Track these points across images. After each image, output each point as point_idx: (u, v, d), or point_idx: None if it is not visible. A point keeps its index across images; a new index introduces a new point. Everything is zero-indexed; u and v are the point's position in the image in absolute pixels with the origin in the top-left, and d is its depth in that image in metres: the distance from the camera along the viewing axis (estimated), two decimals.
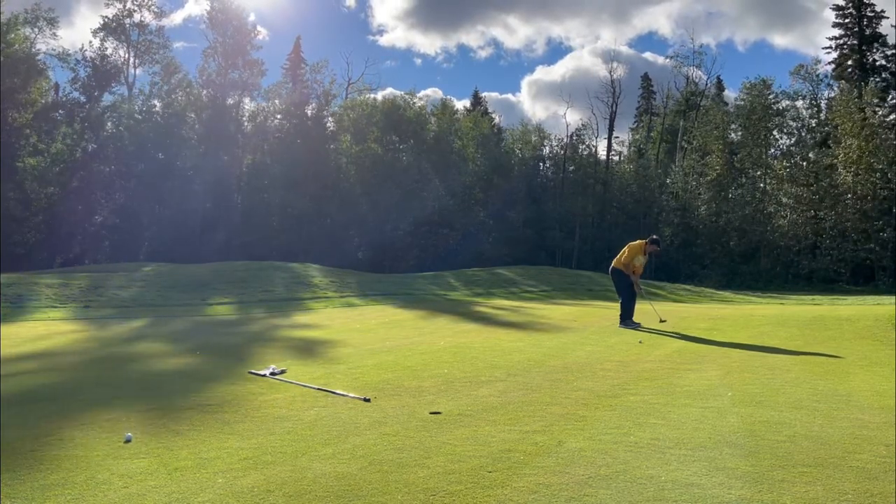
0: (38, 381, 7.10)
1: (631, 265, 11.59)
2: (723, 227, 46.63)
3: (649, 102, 66.42)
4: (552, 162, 58.10)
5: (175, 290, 19.12)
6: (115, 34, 44.88)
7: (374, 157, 46.60)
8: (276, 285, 20.47)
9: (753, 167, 48.00)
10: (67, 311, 15.53)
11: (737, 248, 45.57)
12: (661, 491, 3.45)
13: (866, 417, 5.04)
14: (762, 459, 3.98)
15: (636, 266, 11.65)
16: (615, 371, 7.17)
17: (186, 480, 3.70)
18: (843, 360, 7.85)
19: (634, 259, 11.58)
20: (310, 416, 5.17)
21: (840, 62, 49.11)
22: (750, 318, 12.57)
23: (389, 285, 22.72)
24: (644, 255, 11.66)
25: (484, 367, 7.43)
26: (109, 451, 4.26)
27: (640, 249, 11.61)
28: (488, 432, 4.62)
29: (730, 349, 8.74)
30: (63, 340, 10.74)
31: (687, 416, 5.06)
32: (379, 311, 16.05)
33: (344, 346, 9.47)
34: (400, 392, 6.05)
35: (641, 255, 11.63)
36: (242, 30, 47.24)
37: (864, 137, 40.65)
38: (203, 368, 7.95)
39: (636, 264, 11.61)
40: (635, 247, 11.67)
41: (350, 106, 50.41)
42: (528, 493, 3.44)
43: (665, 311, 12.40)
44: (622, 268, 11.62)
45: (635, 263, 11.59)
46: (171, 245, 41.15)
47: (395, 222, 44.41)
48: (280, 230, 45.24)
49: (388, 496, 3.42)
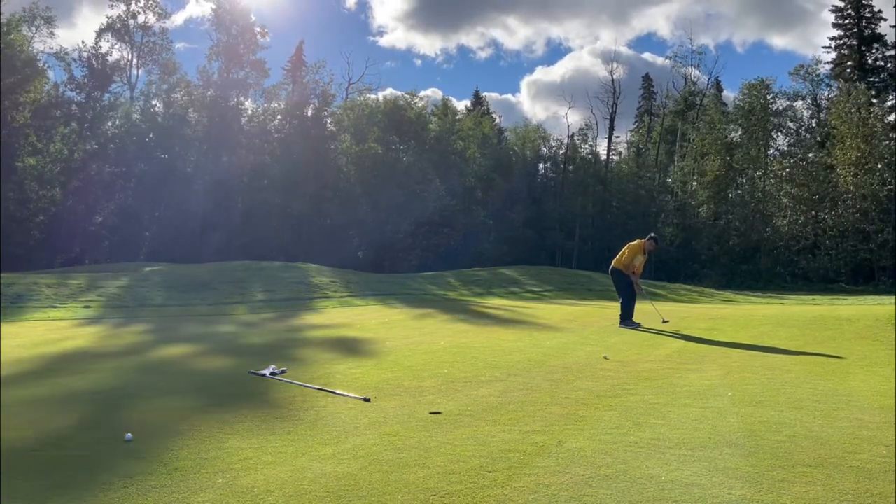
0: (38, 380, 7.09)
1: (631, 265, 11.63)
2: (723, 227, 46.63)
3: (650, 103, 66.43)
4: (552, 162, 58.12)
5: (175, 290, 19.12)
6: (119, 35, 44.93)
7: (374, 158, 46.58)
8: (276, 285, 20.47)
9: (753, 167, 48.00)
10: (67, 311, 15.53)
11: (737, 248, 45.56)
12: (661, 491, 3.45)
13: (866, 417, 5.04)
14: (762, 459, 3.98)
15: (636, 266, 11.68)
16: (615, 371, 7.17)
17: (186, 480, 3.70)
18: (843, 360, 7.85)
19: (634, 259, 11.62)
20: (310, 416, 5.17)
21: (839, 62, 49.12)
22: (750, 318, 12.57)
23: (390, 285, 22.72)
24: (644, 254, 11.67)
25: (484, 367, 7.43)
26: (109, 452, 4.27)
27: (639, 249, 11.64)
28: (488, 432, 4.62)
29: (730, 349, 8.74)
30: (64, 340, 10.74)
31: (687, 416, 5.06)
32: (379, 310, 16.05)
33: (344, 346, 9.48)
34: (400, 392, 6.05)
35: (641, 255, 11.66)
36: (247, 30, 47.22)
37: (864, 138, 40.65)
38: (203, 368, 7.95)
39: (636, 264, 11.66)
40: (635, 246, 11.71)
41: (350, 106, 50.40)
42: (528, 493, 3.44)
43: (665, 311, 12.40)
44: (622, 268, 11.65)
45: (635, 263, 11.64)
46: (171, 245, 41.12)
47: (396, 223, 44.40)
48: (280, 230, 45.22)
49: (388, 496, 3.42)
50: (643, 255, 11.68)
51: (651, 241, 11.75)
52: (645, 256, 11.76)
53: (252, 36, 47.45)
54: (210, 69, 46.98)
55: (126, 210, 43.35)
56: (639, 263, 11.68)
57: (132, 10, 45.33)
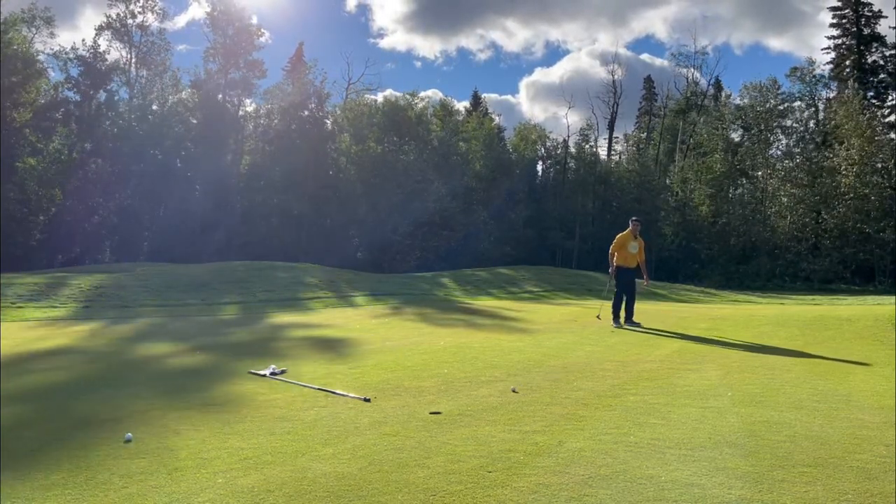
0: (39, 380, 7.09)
1: (628, 256, 11.52)
2: (723, 226, 46.63)
3: (651, 104, 66.43)
4: (552, 162, 58.14)
5: (175, 289, 19.12)
6: (118, 35, 44.94)
7: (374, 158, 46.59)
8: (275, 285, 20.46)
9: (753, 167, 47.99)
10: (67, 310, 15.52)
11: (737, 248, 45.56)
12: (661, 491, 3.45)
13: (866, 417, 5.04)
14: (762, 459, 3.98)
15: (631, 255, 11.54)
16: (615, 371, 7.17)
17: (186, 480, 3.70)
18: (843, 360, 7.85)
19: (628, 247, 11.51)
20: (310, 416, 5.17)
21: (838, 62, 49.09)
22: (750, 318, 12.57)
23: (389, 285, 22.71)
24: (634, 238, 11.61)
25: (484, 367, 7.43)
26: (109, 451, 4.26)
27: (628, 237, 11.58)
28: (488, 432, 4.62)
29: (730, 349, 8.74)
30: (65, 340, 10.74)
31: (687, 416, 5.06)
32: (379, 311, 16.05)
33: (344, 347, 9.47)
34: (400, 392, 6.05)
35: (632, 241, 11.58)
36: (244, 30, 47.24)
37: (864, 138, 40.66)
38: (203, 368, 7.95)
39: (631, 252, 11.54)
40: (623, 237, 11.61)
41: (350, 106, 50.42)
42: (528, 493, 3.44)
43: (665, 310, 12.41)
44: (624, 263, 11.55)
45: (630, 251, 11.53)
46: (171, 245, 41.11)
47: (396, 223, 44.39)
48: (279, 230, 45.22)
49: (388, 496, 3.42)
50: (634, 239, 11.60)
51: (635, 224, 11.72)
52: (636, 240, 11.66)
53: (249, 36, 47.47)
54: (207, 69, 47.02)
55: (126, 210, 43.34)
56: (634, 251, 11.58)
57: (131, 10, 45.35)
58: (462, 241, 45.66)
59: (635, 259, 11.62)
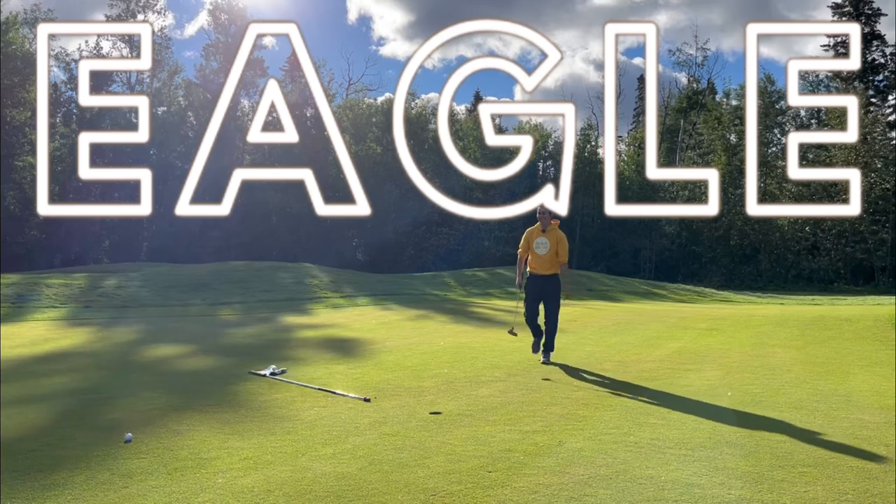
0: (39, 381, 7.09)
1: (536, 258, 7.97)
2: (723, 226, 46.61)
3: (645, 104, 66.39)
4: (552, 161, 58.14)
5: (175, 290, 19.11)
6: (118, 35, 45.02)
7: (373, 158, 46.59)
8: (275, 286, 20.46)
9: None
10: (67, 310, 15.51)
11: (737, 248, 45.56)
12: (661, 491, 3.45)
13: (866, 417, 5.04)
14: (762, 459, 3.98)
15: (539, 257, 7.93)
16: (615, 371, 7.17)
17: (186, 480, 3.70)
18: (843, 360, 7.85)
19: (535, 248, 7.95)
20: (310, 416, 5.17)
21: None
22: (750, 319, 12.57)
23: (389, 286, 22.71)
24: (543, 231, 7.97)
25: (484, 367, 7.43)
26: (109, 451, 4.26)
27: (535, 232, 8.05)
28: (488, 432, 4.62)
29: (730, 349, 8.74)
30: (65, 341, 10.73)
31: (687, 416, 5.06)
32: (378, 311, 16.05)
33: (344, 347, 9.47)
34: (400, 392, 6.05)
35: (539, 237, 7.97)
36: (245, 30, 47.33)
37: (864, 137, 40.64)
38: (203, 369, 7.95)
39: (538, 253, 7.93)
40: (528, 232, 8.14)
41: (349, 106, 50.41)
42: (528, 493, 3.44)
43: (665, 310, 12.39)
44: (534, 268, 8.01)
45: (536, 252, 7.94)
46: (171, 245, 41.10)
47: (395, 223, 44.36)
48: (279, 230, 45.20)
49: (388, 496, 3.42)
50: (542, 234, 7.97)
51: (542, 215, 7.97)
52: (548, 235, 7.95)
53: None
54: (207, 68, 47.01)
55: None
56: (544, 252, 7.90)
57: (131, 10, 45.38)
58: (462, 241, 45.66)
59: (548, 264, 7.91)
